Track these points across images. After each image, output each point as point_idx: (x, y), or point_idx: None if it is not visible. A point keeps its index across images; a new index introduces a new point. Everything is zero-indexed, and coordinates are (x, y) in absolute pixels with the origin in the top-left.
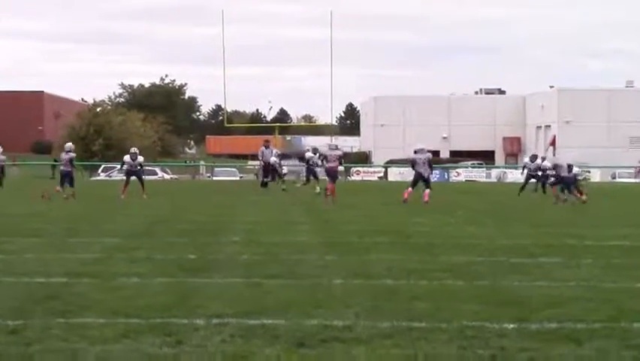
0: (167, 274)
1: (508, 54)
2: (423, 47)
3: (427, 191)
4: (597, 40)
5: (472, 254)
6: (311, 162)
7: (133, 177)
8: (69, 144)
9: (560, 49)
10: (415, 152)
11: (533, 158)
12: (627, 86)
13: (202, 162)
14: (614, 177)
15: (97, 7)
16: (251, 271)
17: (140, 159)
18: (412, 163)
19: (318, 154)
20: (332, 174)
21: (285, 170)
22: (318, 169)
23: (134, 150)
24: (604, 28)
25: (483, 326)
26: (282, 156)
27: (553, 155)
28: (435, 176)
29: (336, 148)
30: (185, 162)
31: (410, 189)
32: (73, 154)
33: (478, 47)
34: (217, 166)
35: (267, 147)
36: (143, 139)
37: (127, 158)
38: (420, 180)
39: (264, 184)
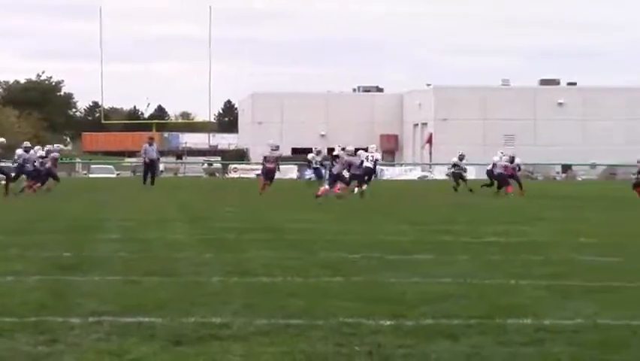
0: (42, 272)
1: (386, 52)
2: (302, 43)
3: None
4: (474, 39)
5: (349, 251)
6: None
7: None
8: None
9: (437, 47)
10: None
11: (462, 157)
12: (503, 85)
13: (78, 159)
14: None
15: None
16: (128, 268)
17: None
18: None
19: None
20: (269, 174)
21: (161, 167)
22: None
23: (27, 143)
24: (481, 27)
25: (359, 323)
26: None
27: (430, 153)
28: (311, 174)
29: (277, 149)
30: (61, 159)
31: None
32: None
33: (357, 45)
34: (93, 163)
35: (150, 145)
36: (18, 135)
37: (20, 151)
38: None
39: (146, 181)
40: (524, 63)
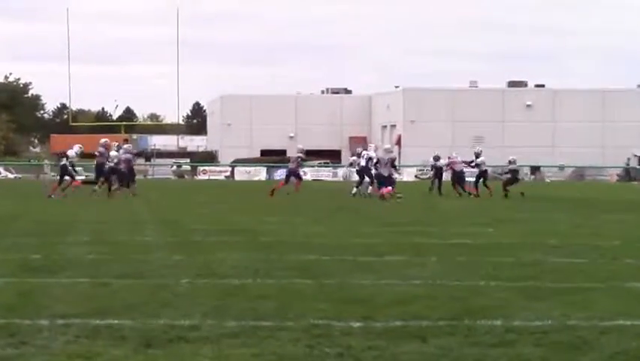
0: (11, 275)
1: (355, 54)
2: (271, 45)
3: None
4: (442, 40)
5: (320, 253)
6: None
7: None
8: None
9: (406, 49)
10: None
11: (437, 158)
12: (471, 86)
13: (46, 161)
14: None
15: None
16: (97, 270)
17: None
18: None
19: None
20: (291, 174)
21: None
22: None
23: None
24: (449, 29)
25: (330, 325)
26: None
27: (399, 154)
28: (282, 175)
29: (301, 152)
30: (29, 161)
31: None
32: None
33: (326, 47)
34: None
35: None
36: None
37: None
38: None
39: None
40: (491, 65)
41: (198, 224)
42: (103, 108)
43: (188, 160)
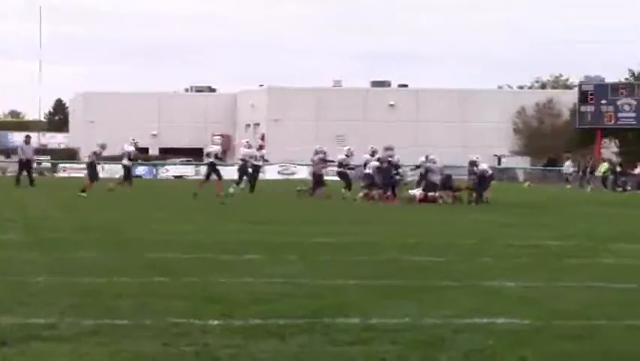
0: None
1: (218, 52)
2: (135, 43)
3: None
4: (307, 39)
5: (180, 251)
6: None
7: None
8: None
9: (271, 47)
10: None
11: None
12: (335, 86)
13: None
14: None
15: None
16: None
17: None
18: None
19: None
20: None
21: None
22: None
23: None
24: (314, 26)
25: (188, 323)
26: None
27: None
28: (143, 172)
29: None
30: None
31: None
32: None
33: (189, 44)
34: None
35: (27, 143)
36: None
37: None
38: None
39: (19, 182)
40: (354, 65)
41: (60, 222)
42: None
43: (48, 157)
